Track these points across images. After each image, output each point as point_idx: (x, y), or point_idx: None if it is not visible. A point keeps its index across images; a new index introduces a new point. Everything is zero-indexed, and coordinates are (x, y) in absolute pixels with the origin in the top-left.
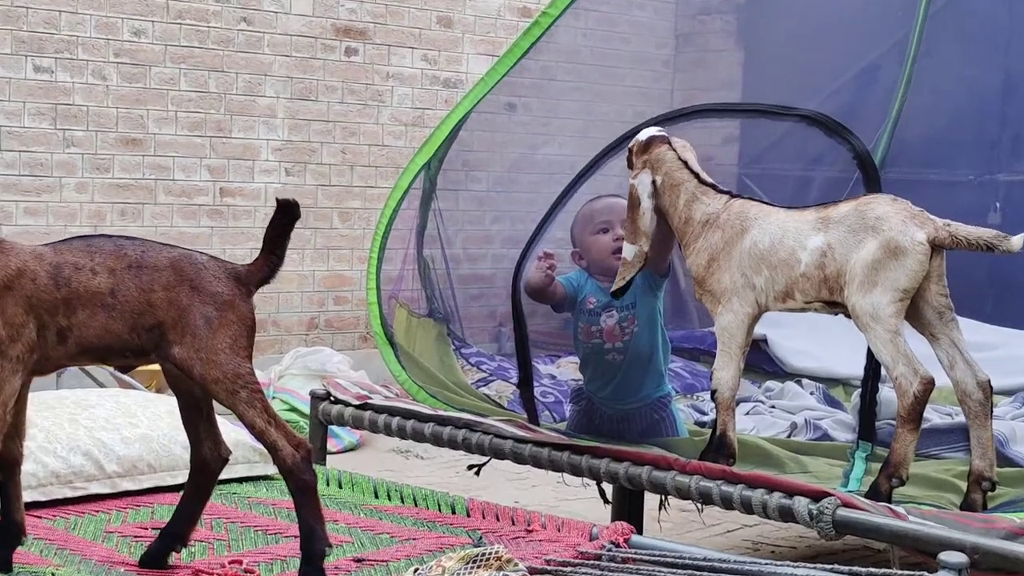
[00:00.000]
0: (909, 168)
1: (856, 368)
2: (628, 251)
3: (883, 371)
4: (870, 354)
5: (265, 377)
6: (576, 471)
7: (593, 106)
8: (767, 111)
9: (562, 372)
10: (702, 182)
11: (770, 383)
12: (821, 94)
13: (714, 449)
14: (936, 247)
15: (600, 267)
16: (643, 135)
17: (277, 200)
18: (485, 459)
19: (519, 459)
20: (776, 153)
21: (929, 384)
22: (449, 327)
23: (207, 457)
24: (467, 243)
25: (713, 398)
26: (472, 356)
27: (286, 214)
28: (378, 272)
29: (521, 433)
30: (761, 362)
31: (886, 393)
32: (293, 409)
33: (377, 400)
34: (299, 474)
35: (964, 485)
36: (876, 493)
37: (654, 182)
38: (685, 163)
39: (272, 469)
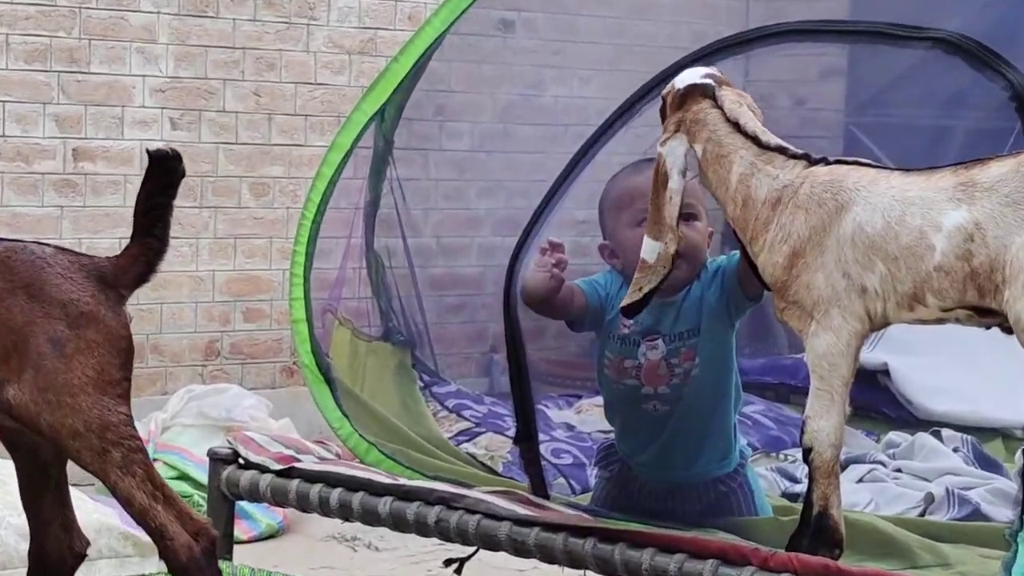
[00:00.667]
0: None
1: (1020, 412)
2: (648, 250)
3: None
4: None
5: (143, 429)
6: (605, 567)
7: (629, 24)
8: (887, 32)
9: (584, 420)
10: (763, 146)
11: (894, 435)
12: (967, 8)
13: (811, 534)
14: None
15: None
16: (681, 80)
17: (149, 153)
18: (470, 550)
19: (520, 550)
20: (899, 93)
21: None
22: (415, 355)
23: (53, 549)
24: (441, 229)
25: (807, 459)
26: (450, 398)
27: (164, 172)
28: (307, 273)
29: (523, 511)
30: (880, 403)
31: None
32: (183, 476)
33: (308, 464)
34: (197, 573)
35: None
36: None
37: (693, 153)
38: (736, 124)
39: (153, 566)
